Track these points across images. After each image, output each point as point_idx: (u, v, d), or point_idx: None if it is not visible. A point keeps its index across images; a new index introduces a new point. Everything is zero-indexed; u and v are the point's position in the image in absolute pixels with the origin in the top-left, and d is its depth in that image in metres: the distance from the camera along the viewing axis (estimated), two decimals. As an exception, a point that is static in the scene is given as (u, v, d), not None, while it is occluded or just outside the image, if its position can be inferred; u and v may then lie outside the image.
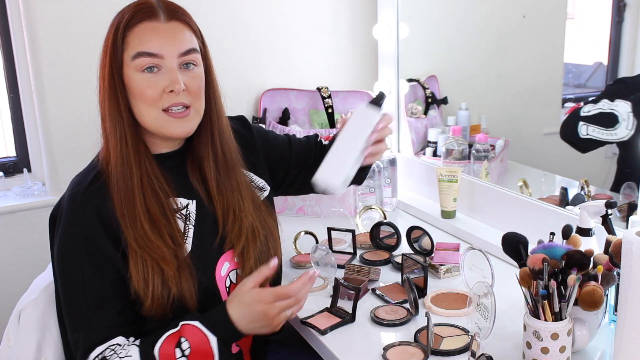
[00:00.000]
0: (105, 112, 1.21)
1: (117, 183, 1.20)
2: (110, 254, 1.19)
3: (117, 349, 1.17)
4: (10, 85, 2.04)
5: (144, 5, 1.21)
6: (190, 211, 1.27)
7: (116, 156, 1.21)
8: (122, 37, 1.19)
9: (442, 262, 1.58)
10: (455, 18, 2.24)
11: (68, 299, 1.20)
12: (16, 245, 2.00)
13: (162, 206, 1.23)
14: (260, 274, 1.20)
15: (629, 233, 1.02)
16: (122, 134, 1.21)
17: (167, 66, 1.19)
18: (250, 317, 1.18)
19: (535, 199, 1.70)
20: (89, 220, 1.18)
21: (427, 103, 2.27)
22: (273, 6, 2.21)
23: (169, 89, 1.19)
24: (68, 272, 1.20)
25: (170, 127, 1.22)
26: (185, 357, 1.15)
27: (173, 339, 1.16)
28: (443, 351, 1.22)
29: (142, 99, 1.20)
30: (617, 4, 1.82)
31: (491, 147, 1.98)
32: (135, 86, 1.19)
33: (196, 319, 1.18)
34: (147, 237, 1.19)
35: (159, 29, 1.19)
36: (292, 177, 1.51)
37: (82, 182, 1.23)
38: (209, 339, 1.16)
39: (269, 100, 2.23)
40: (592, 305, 1.11)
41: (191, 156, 1.32)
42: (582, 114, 1.65)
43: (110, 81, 1.19)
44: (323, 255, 1.56)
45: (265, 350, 1.51)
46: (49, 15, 1.89)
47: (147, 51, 1.18)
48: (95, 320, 1.18)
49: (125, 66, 1.19)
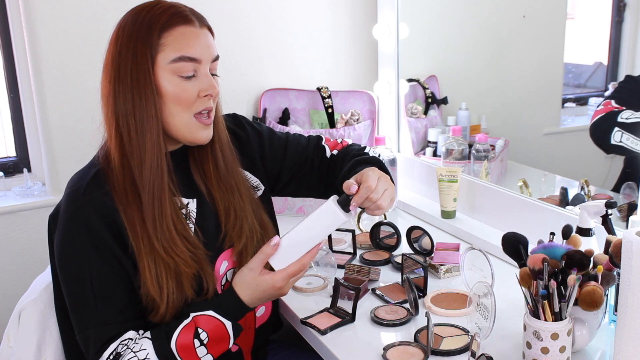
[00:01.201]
0: (132, 113, 1.18)
1: (146, 186, 1.18)
2: (116, 250, 1.18)
3: (130, 343, 1.16)
4: (10, 85, 2.04)
5: (176, 9, 1.21)
6: (190, 210, 1.27)
7: (151, 158, 1.18)
8: (158, 37, 1.18)
9: (442, 262, 1.58)
10: (455, 18, 2.24)
11: (74, 297, 1.19)
12: (16, 245, 2.00)
13: (176, 208, 1.24)
14: (264, 254, 1.21)
15: (629, 233, 1.02)
16: (158, 136, 1.19)
17: (203, 71, 1.21)
18: (262, 298, 1.23)
19: (535, 199, 1.70)
20: (92, 216, 1.17)
21: (427, 103, 2.27)
22: (273, 6, 2.21)
23: (205, 93, 1.21)
24: (74, 269, 1.19)
25: (198, 133, 1.24)
26: (204, 346, 1.17)
27: (189, 330, 1.17)
28: (443, 351, 1.22)
29: (177, 102, 1.20)
30: (617, 4, 1.82)
31: (491, 147, 1.98)
32: (171, 89, 1.19)
33: (209, 309, 1.19)
34: (173, 242, 1.20)
35: (198, 34, 1.21)
36: (286, 179, 1.48)
37: (83, 180, 1.22)
38: (226, 325, 1.20)
39: (269, 100, 2.23)
40: (592, 305, 1.11)
41: (192, 156, 1.32)
42: (619, 120, 1.60)
43: (142, 80, 1.17)
44: (323, 255, 1.56)
45: (266, 350, 1.51)
46: (49, 15, 1.89)
47: (190, 56, 1.18)
48: (105, 315, 1.17)
49: (157, 66, 1.18)
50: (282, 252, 1.21)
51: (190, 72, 1.19)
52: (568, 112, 1.98)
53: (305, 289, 1.53)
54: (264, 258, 1.21)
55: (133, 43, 1.18)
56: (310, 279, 1.58)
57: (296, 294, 1.52)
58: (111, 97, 1.19)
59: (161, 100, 1.19)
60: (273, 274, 1.21)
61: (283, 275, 1.20)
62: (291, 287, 1.26)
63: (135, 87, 1.18)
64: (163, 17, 1.19)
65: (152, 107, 1.18)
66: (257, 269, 1.21)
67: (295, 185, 1.50)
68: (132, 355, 1.15)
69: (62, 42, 1.92)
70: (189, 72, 1.19)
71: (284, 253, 1.21)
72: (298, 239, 1.22)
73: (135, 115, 1.18)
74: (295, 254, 1.21)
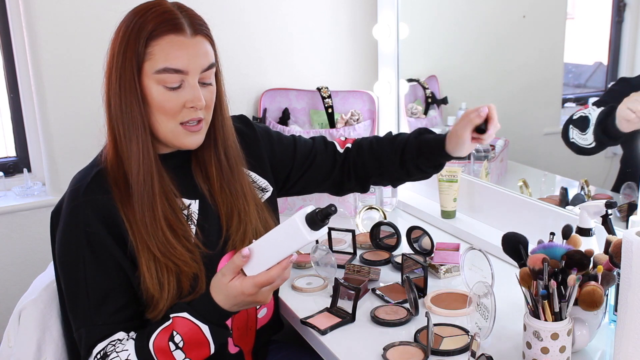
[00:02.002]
0: (120, 117, 1.19)
1: (137, 191, 1.19)
2: (113, 251, 1.18)
3: (117, 344, 1.17)
4: (10, 85, 2.04)
5: (169, 16, 1.17)
6: (192, 211, 1.27)
7: (137, 165, 1.19)
8: (145, 46, 1.16)
9: (442, 262, 1.58)
10: (455, 18, 2.24)
11: (71, 295, 1.20)
12: (16, 245, 2.00)
13: (174, 210, 1.23)
14: (234, 264, 1.15)
15: (629, 233, 1.02)
16: (144, 142, 1.19)
17: (190, 82, 1.19)
18: (238, 304, 1.16)
19: (535, 199, 1.70)
20: (91, 216, 1.18)
21: (427, 103, 2.27)
22: (273, 6, 2.21)
23: (190, 105, 1.19)
24: (70, 269, 1.20)
25: (185, 140, 1.22)
26: (180, 350, 1.15)
27: (166, 332, 1.15)
28: (443, 351, 1.22)
29: (162, 111, 1.19)
30: (617, 4, 1.82)
31: (491, 147, 1.98)
32: (156, 98, 1.18)
33: (184, 310, 1.17)
34: (169, 244, 1.19)
35: (186, 44, 1.17)
36: (295, 179, 1.50)
37: (84, 179, 1.22)
38: (201, 329, 1.15)
39: (269, 100, 2.23)
40: (592, 305, 1.11)
41: (195, 157, 1.32)
42: (573, 117, 1.62)
43: (130, 89, 1.17)
44: (323, 255, 1.56)
45: (266, 351, 1.51)
46: (49, 15, 1.89)
47: (174, 67, 1.16)
48: (98, 317, 1.18)
49: (144, 75, 1.17)
50: (253, 260, 1.15)
51: (176, 83, 1.18)
52: (568, 112, 1.98)
53: (305, 289, 1.53)
54: (235, 268, 1.15)
55: (123, 48, 1.17)
56: (310, 279, 1.58)
57: (296, 294, 1.52)
58: (105, 99, 1.21)
59: (148, 108, 1.19)
60: (242, 280, 1.14)
61: (250, 283, 1.13)
62: (270, 295, 1.18)
63: (122, 93, 1.18)
64: (152, 24, 1.16)
65: (137, 114, 1.18)
66: (228, 275, 1.15)
67: (302, 185, 1.51)
68: (114, 355, 1.16)
69: (62, 42, 1.92)
70: (175, 83, 1.18)
71: (256, 260, 1.15)
72: (265, 250, 1.15)
73: (123, 120, 1.19)
74: (264, 264, 1.14)
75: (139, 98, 1.17)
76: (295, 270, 1.65)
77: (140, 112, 1.18)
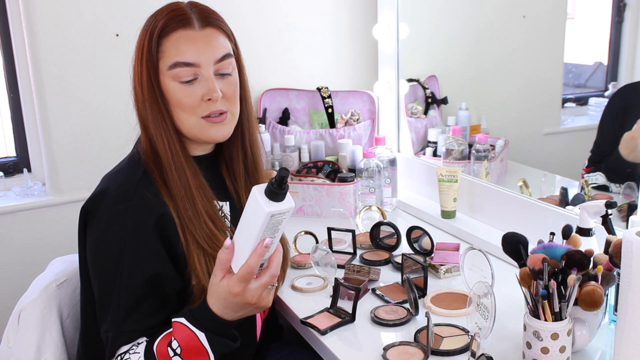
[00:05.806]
0: (149, 119, 1.22)
1: (175, 187, 1.20)
2: (159, 254, 1.18)
3: (135, 348, 1.17)
4: (10, 85, 2.04)
5: (177, 12, 1.20)
6: (225, 213, 1.28)
7: (169, 162, 1.21)
8: (157, 45, 1.19)
9: (442, 262, 1.58)
10: (456, 18, 2.24)
11: (103, 297, 1.19)
12: (16, 245, 2.00)
13: (212, 205, 1.24)
14: (219, 259, 1.11)
15: (629, 233, 1.02)
16: (170, 141, 1.22)
17: (204, 74, 1.20)
18: (232, 308, 1.12)
19: (535, 199, 1.70)
20: (142, 219, 1.17)
21: (427, 103, 2.27)
22: (273, 6, 2.21)
23: (207, 97, 1.20)
24: (107, 271, 1.18)
25: (209, 132, 1.24)
26: (178, 356, 1.13)
27: (167, 338, 1.15)
28: (443, 351, 1.22)
29: (180, 107, 1.21)
30: (617, 4, 1.82)
31: (491, 147, 1.98)
32: (173, 95, 1.20)
33: (182, 316, 1.15)
34: (213, 235, 1.20)
35: (194, 37, 1.19)
36: None
37: (131, 180, 1.22)
38: (198, 336, 1.12)
39: (269, 100, 2.23)
40: (592, 305, 1.11)
41: (223, 158, 1.33)
42: None
43: (149, 89, 1.20)
44: (323, 255, 1.56)
45: (267, 351, 1.51)
46: (49, 15, 1.89)
47: (184, 61, 1.18)
48: (126, 324, 1.17)
49: (161, 74, 1.20)
50: (236, 252, 1.09)
51: (189, 76, 1.19)
52: (568, 112, 1.99)
53: (305, 289, 1.53)
54: (222, 264, 1.10)
55: (141, 51, 1.21)
56: (310, 279, 1.58)
57: (296, 294, 1.52)
58: (134, 101, 1.24)
59: (169, 106, 1.21)
60: (228, 279, 1.09)
61: (234, 280, 1.08)
62: (267, 299, 1.13)
63: (145, 95, 1.21)
64: (160, 22, 1.19)
65: (161, 114, 1.21)
66: (218, 274, 1.11)
67: None
68: (127, 356, 1.16)
69: (62, 42, 1.92)
70: (188, 77, 1.19)
71: (237, 253, 1.09)
72: (240, 237, 1.08)
73: (150, 121, 1.22)
74: (244, 255, 1.07)
75: (160, 97, 1.20)
76: (295, 270, 1.65)
77: (161, 110, 1.21)
